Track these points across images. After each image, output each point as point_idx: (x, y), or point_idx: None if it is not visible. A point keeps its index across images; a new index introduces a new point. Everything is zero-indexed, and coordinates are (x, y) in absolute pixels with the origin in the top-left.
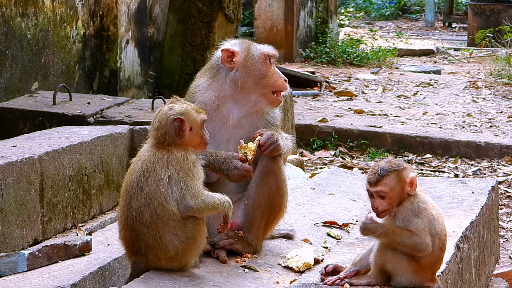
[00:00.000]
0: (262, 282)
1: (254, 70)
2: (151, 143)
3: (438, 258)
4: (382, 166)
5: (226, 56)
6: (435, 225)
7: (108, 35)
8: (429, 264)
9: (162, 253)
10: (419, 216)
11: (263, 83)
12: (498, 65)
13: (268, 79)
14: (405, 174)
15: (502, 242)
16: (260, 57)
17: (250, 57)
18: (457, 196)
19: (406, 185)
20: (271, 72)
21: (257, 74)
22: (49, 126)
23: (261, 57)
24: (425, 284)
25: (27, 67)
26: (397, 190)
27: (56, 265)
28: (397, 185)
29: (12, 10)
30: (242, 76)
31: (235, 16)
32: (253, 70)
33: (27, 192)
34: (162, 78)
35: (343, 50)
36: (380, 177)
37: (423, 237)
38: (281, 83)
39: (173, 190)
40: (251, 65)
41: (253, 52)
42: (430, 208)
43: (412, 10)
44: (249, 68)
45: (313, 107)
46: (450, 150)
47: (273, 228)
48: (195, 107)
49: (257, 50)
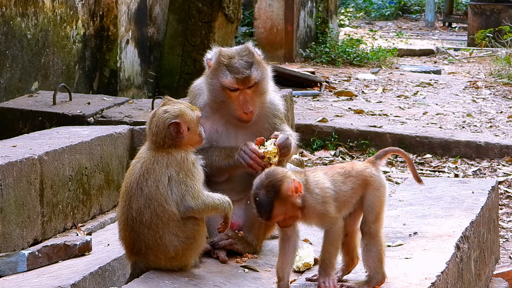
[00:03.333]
0: (262, 282)
1: (213, 93)
2: (150, 145)
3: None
4: (262, 202)
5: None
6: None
7: (108, 35)
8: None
9: (162, 253)
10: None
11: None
12: (498, 65)
13: (228, 105)
14: (284, 189)
15: (502, 242)
16: (218, 85)
17: (209, 83)
18: (457, 196)
19: (293, 196)
20: (231, 100)
21: (215, 98)
22: (49, 126)
23: (219, 85)
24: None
25: (27, 67)
26: (289, 208)
27: (56, 265)
28: (287, 205)
29: (12, 10)
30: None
31: (235, 16)
32: (212, 92)
33: (27, 192)
34: (162, 78)
35: (343, 50)
36: (270, 215)
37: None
38: (239, 114)
39: (173, 191)
40: (210, 88)
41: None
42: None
43: (412, 10)
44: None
45: (313, 107)
46: (450, 150)
47: (274, 229)
48: (189, 105)
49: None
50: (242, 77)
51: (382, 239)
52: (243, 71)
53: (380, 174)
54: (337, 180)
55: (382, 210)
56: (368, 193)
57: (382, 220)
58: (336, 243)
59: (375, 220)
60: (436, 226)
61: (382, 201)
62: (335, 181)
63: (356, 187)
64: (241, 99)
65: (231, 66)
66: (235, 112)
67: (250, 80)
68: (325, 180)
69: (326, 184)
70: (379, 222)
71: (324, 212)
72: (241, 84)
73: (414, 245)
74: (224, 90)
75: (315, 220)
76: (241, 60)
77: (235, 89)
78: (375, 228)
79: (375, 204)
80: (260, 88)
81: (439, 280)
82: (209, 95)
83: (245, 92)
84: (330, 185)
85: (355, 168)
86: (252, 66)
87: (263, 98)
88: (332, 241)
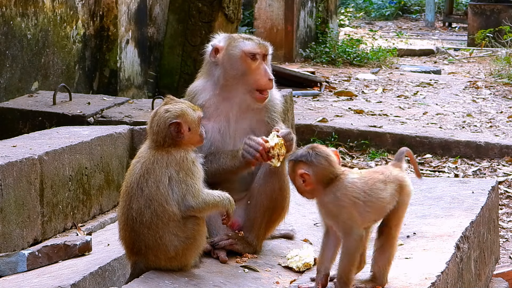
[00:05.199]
0: (262, 282)
1: (232, 68)
2: (150, 144)
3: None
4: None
5: (212, 52)
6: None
7: (108, 35)
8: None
9: (162, 253)
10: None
11: (244, 80)
12: (498, 65)
13: (249, 77)
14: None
15: (502, 242)
16: (239, 54)
17: (230, 55)
18: (457, 196)
19: (297, 177)
20: (252, 70)
21: (235, 72)
22: (49, 126)
23: (240, 55)
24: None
25: (27, 67)
26: (291, 178)
27: (56, 265)
28: (291, 175)
29: (12, 10)
30: (223, 73)
31: (235, 16)
32: (231, 68)
33: (27, 192)
34: (162, 78)
35: (343, 50)
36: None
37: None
38: (264, 82)
39: (173, 190)
40: (229, 63)
41: (232, 49)
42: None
43: (412, 10)
44: (228, 66)
45: (313, 107)
46: (450, 150)
47: (274, 229)
48: (191, 105)
49: (237, 48)
50: (262, 43)
51: (396, 244)
52: (261, 40)
53: (408, 178)
54: (376, 187)
55: (403, 216)
56: (401, 197)
57: (401, 225)
58: (351, 256)
59: (397, 224)
60: (436, 226)
61: (406, 205)
62: (373, 190)
63: (394, 192)
64: (263, 67)
65: (247, 38)
66: (258, 81)
67: (268, 47)
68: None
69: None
70: (399, 227)
71: (337, 214)
72: (263, 49)
73: (414, 245)
74: (245, 60)
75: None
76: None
77: (255, 57)
78: (395, 231)
79: (401, 209)
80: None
81: (439, 280)
82: (228, 69)
83: (263, 62)
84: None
85: (393, 173)
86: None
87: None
88: (346, 253)
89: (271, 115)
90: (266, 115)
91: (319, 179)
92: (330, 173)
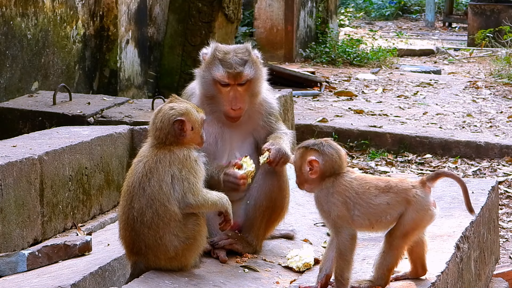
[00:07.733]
0: (262, 282)
1: (204, 88)
2: (152, 142)
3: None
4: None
5: (202, 58)
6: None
7: (108, 35)
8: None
9: (162, 253)
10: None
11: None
12: (498, 65)
13: (218, 100)
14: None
15: (502, 242)
16: (210, 78)
17: (203, 75)
18: (457, 196)
19: (305, 164)
20: (221, 95)
21: (207, 91)
22: (49, 126)
23: (211, 79)
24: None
25: (27, 67)
26: (298, 165)
27: (56, 265)
28: (298, 161)
29: (12, 10)
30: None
31: (235, 16)
32: (205, 85)
33: (27, 192)
34: (162, 78)
35: (343, 50)
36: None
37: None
38: (227, 110)
39: (175, 189)
40: (203, 80)
41: (206, 70)
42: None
43: (412, 10)
44: (203, 82)
45: (313, 107)
46: (450, 150)
47: (274, 229)
48: (195, 106)
49: (209, 70)
50: (234, 72)
51: (400, 255)
52: (236, 66)
53: (426, 198)
54: (369, 192)
55: (413, 232)
56: (407, 212)
57: (408, 240)
58: (344, 256)
59: (402, 236)
60: (436, 226)
61: (418, 224)
62: (365, 193)
63: (394, 203)
64: (231, 95)
65: (225, 60)
66: (224, 107)
67: (242, 76)
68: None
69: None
70: (404, 240)
71: (328, 211)
72: (232, 80)
73: None
74: (215, 84)
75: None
76: (236, 56)
77: (226, 84)
78: (398, 242)
79: (408, 223)
80: (252, 87)
81: (439, 280)
82: (201, 88)
83: (236, 88)
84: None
85: (400, 185)
86: (246, 63)
87: (255, 99)
88: (339, 252)
89: (267, 119)
90: (262, 120)
91: (325, 170)
92: (337, 167)
